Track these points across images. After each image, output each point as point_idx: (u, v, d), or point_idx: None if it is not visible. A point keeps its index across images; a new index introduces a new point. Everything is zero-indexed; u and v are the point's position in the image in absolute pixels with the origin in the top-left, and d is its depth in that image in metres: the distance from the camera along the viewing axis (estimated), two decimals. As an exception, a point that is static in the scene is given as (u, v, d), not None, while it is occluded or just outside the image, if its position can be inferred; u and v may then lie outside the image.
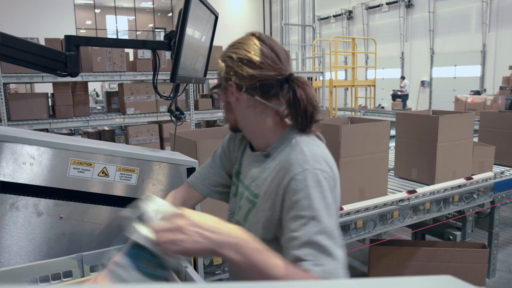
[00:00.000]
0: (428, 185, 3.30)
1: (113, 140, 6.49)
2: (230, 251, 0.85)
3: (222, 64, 1.14)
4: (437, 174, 3.32)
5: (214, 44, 2.09)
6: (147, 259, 0.89)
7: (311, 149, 1.08)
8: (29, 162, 1.29)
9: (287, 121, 1.16)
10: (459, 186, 3.39)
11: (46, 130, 5.33)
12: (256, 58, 1.09)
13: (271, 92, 1.12)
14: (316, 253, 0.94)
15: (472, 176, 3.55)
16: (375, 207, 3.03)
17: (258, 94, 1.11)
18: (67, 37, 1.61)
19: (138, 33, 24.28)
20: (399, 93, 15.20)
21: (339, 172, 1.03)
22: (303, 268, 0.91)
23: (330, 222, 1.00)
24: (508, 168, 3.92)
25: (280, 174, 1.07)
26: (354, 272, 4.16)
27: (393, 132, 3.70)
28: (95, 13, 22.72)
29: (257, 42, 1.12)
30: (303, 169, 1.02)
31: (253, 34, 1.15)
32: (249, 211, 1.18)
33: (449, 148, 3.36)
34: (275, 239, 1.08)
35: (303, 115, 1.09)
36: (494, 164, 4.04)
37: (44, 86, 10.74)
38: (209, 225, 0.87)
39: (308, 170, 1.02)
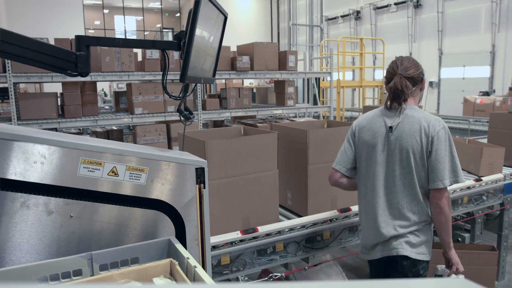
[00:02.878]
0: None
1: (121, 140, 6.52)
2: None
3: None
4: None
5: (222, 44, 2.09)
6: None
7: None
8: (40, 161, 1.30)
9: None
10: (468, 188, 3.36)
11: (55, 130, 5.38)
12: None
13: None
14: None
15: (482, 178, 3.52)
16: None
17: None
18: (78, 37, 1.62)
19: (146, 33, 24.39)
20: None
21: (308, 180, 1.06)
22: None
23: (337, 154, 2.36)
24: (518, 170, 3.88)
25: None
26: (362, 273, 4.14)
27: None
28: (103, 13, 22.86)
29: None
30: None
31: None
32: None
33: None
34: None
35: None
36: (504, 165, 4.00)
37: (53, 85, 10.83)
38: None
39: None
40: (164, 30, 24.35)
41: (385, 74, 2.29)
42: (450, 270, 2.24)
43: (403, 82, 2.12)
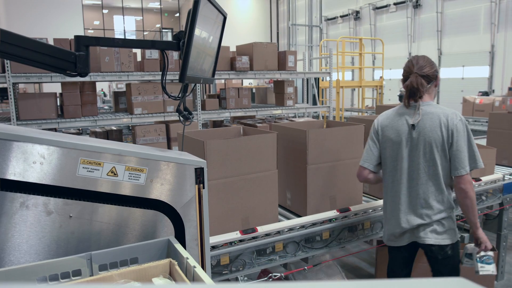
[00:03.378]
0: (380, 198, 3.16)
1: (120, 140, 6.52)
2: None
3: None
4: None
5: (221, 44, 2.09)
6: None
7: None
8: (39, 162, 1.30)
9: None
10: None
11: (55, 130, 5.37)
12: None
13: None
14: None
15: (481, 178, 3.53)
16: (382, 208, 3.02)
17: None
18: (77, 37, 1.62)
19: (145, 33, 24.38)
20: (406, 93, 15.08)
21: (307, 180, 1.05)
22: None
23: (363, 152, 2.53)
24: (517, 170, 3.88)
25: None
26: (361, 273, 4.15)
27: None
28: (102, 13, 22.85)
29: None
30: None
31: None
32: None
33: None
34: None
35: None
36: (503, 165, 4.00)
37: (53, 86, 10.83)
38: None
39: None
40: (163, 30, 24.35)
41: (402, 73, 2.46)
42: (479, 248, 2.45)
43: (418, 81, 2.31)
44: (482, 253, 2.45)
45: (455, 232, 2.43)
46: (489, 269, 2.47)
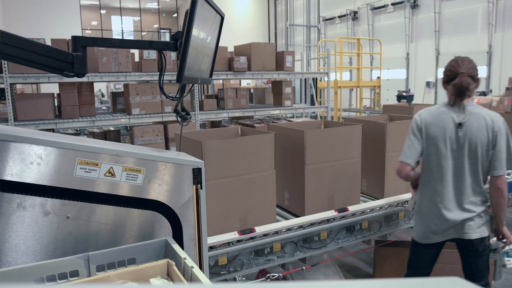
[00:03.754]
0: (378, 198, 3.18)
1: (118, 140, 6.51)
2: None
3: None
4: (386, 187, 3.17)
5: (219, 44, 2.09)
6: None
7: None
8: (36, 162, 1.30)
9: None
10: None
11: (52, 130, 5.36)
12: None
13: None
14: None
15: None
16: (380, 208, 3.02)
17: None
18: (74, 38, 1.62)
19: (143, 33, 24.36)
20: (404, 94, 15.14)
21: (305, 180, 1.05)
22: None
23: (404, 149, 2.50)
24: (514, 170, 3.89)
25: None
26: (359, 273, 4.15)
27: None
28: (100, 13, 22.82)
29: None
30: None
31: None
32: None
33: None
34: None
35: None
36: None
37: (50, 86, 10.80)
38: None
39: None
40: (161, 30, 24.33)
41: (444, 72, 2.54)
42: (504, 243, 2.59)
43: (467, 80, 2.40)
44: (507, 248, 2.61)
45: (489, 224, 2.57)
46: None
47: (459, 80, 2.40)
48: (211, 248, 2.34)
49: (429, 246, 2.61)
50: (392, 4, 17.38)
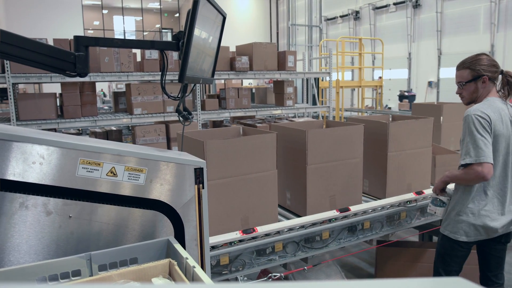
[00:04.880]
0: (380, 198, 3.18)
1: (120, 140, 6.52)
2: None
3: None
4: (388, 187, 3.16)
5: (221, 44, 2.09)
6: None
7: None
8: (38, 162, 1.30)
9: None
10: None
11: (54, 130, 5.37)
12: None
13: None
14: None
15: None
16: (382, 208, 3.02)
17: None
18: (76, 38, 1.62)
19: (145, 33, 24.39)
20: (406, 93, 15.14)
21: (307, 180, 1.06)
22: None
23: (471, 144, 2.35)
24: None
25: None
26: (361, 273, 4.15)
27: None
28: (102, 13, 22.85)
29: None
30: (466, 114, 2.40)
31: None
32: None
33: (402, 158, 3.18)
34: None
35: None
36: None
37: (52, 86, 10.83)
38: None
39: (468, 114, 2.40)
40: (163, 30, 24.34)
41: (488, 67, 2.49)
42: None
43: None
44: (434, 196, 2.72)
45: None
46: (435, 210, 2.72)
47: (509, 76, 2.48)
48: (213, 248, 2.34)
49: (471, 244, 2.59)
50: (394, 3, 17.37)
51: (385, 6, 17.89)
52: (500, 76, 2.54)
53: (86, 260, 1.26)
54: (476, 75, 2.48)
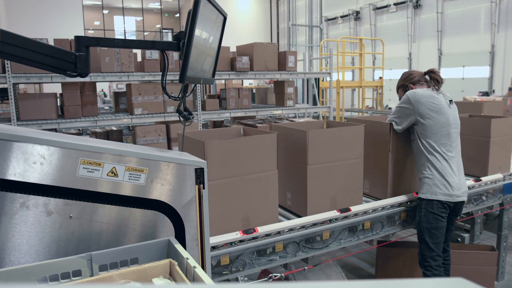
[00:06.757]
0: (380, 199, 3.17)
1: (120, 140, 6.52)
2: None
3: None
4: (389, 187, 3.15)
5: (221, 44, 2.09)
6: None
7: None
8: (39, 162, 1.30)
9: None
10: (468, 188, 3.36)
11: (55, 130, 5.37)
12: None
13: None
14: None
15: (481, 178, 3.53)
16: (382, 208, 3.02)
17: None
18: (77, 38, 1.62)
19: (145, 33, 24.39)
20: (406, 94, 15.10)
21: (307, 180, 1.06)
22: None
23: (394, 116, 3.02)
24: (517, 170, 3.88)
25: None
26: (362, 274, 4.14)
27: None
28: (103, 13, 22.86)
29: None
30: None
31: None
32: None
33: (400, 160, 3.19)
34: None
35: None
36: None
37: (53, 86, 10.83)
38: None
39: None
40: (163, 30, 24.36)
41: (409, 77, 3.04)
42: None
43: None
44: None
45: None
46: None
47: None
48: (214, 248, 2.34)
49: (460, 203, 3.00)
50: (395, 4, 17.37)
51: (386, 6, 17.89)
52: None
53: (87, 260, 1.26)
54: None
